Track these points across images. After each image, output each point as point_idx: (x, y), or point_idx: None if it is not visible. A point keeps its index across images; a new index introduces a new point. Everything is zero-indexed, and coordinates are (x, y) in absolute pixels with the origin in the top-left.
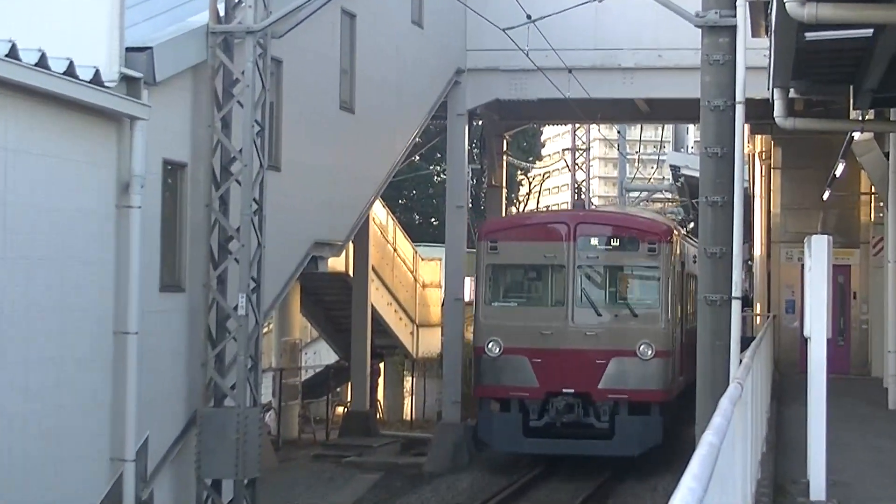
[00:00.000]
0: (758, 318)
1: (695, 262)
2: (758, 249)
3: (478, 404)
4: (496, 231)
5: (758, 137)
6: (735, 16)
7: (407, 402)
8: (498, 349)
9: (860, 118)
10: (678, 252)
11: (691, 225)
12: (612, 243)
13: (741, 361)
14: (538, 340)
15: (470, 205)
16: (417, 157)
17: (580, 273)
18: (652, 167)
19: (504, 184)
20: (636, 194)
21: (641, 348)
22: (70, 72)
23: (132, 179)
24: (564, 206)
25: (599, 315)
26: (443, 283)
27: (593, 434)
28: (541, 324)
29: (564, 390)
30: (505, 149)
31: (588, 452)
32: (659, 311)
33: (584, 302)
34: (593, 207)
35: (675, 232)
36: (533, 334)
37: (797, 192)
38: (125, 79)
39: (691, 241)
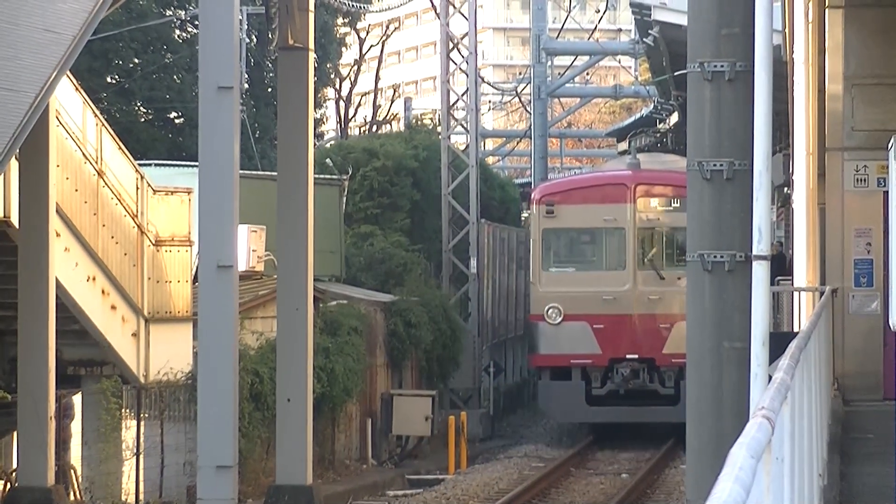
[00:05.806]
0: (802, 295)
1: None
2: (801, 165)
3: (536, 374)
4: (552, 194)
5: None
6: None
7: (128, 468)
8: (559, 316)
9: None
10: None
11: (673, 118)
12: (672, 204)
13: (770, 378)
14: (599, 306)
15: (247, 84)
16: None
17: (641, 235)
18: (596, 9)
19: (312, 44)
20: (568, 63)
21: None
22: None
23: None
24: (430, 82)
25: (662, 279)
26: (196, 237)
27: (658, 400)
28: (602, 289)
29: (628, 356)
30: None
31: (653, 419)
32: None
33: (646, 265)
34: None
35: None
36: (594, 300)
37: (877, 53)
38: None
39: None
